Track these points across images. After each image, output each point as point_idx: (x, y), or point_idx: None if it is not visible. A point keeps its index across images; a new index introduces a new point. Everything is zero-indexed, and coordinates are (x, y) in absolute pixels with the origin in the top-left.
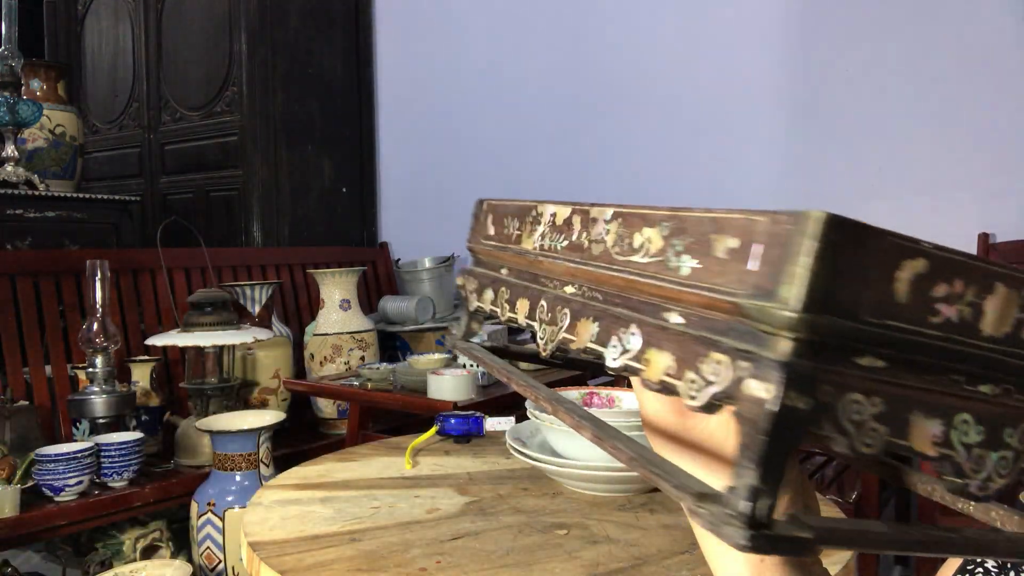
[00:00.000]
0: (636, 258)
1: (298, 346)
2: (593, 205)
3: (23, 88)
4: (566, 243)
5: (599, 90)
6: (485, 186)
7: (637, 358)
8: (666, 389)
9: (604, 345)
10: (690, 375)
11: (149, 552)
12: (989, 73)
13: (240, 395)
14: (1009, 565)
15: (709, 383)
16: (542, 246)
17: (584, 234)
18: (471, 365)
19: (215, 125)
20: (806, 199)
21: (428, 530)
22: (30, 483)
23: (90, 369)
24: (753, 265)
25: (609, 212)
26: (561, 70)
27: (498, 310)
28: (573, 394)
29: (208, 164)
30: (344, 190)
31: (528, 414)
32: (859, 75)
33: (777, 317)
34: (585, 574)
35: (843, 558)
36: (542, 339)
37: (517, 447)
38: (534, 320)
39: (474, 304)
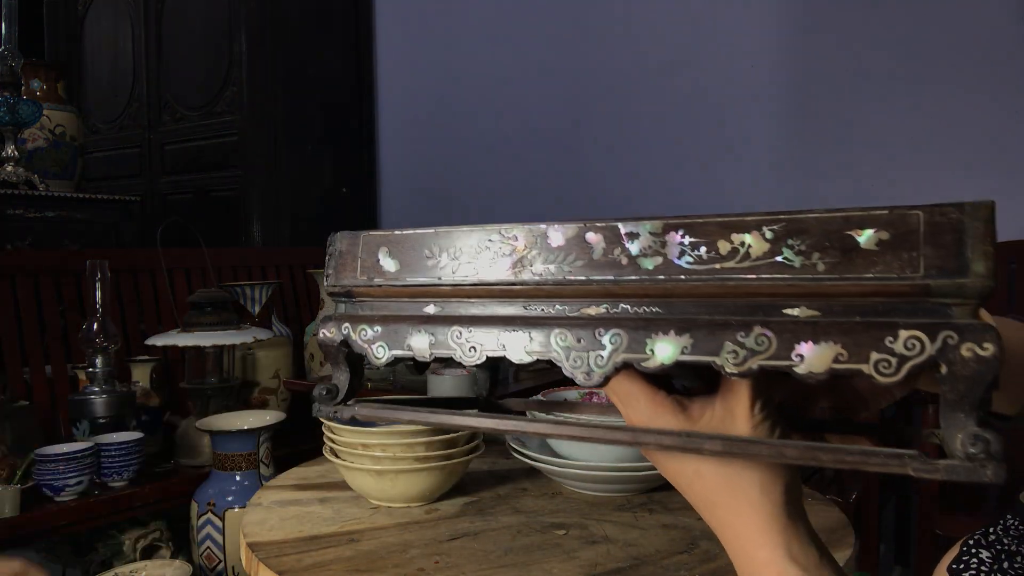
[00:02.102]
0: (730, 264)
1: (298, 346)
2: (617, 220)
3: (23, 88)
4: (581, 263)
5: (599, 90)
6: (485, 185)
7: (779, 356)
8: (838, 376)
9: (715, 354)
10: (876, 356)
11: (149, 552)
12: (989, 73)
13: (240, 395)
14: (1003, 556)
15: (906, 358)
16: (521, 271)
17: (617, 251)
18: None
19: (215, 125)
20: (806, 199)
21: (427, 530)
22: (30, 483)
23: (90, 369)
24: (928, 251)
25: (651, 225)
26: (561, 70)
27: (455, 351)
28: (573, 394)
29: (208, 164)
30: (344, 190)
31: (527, 415)
32: (859, 75)
33: (972, 289)
34: (583, 574)
35: (841, 558)
36: (578, 367)
37: (516, 447)
38: (548, 351)
39: (385, 355)
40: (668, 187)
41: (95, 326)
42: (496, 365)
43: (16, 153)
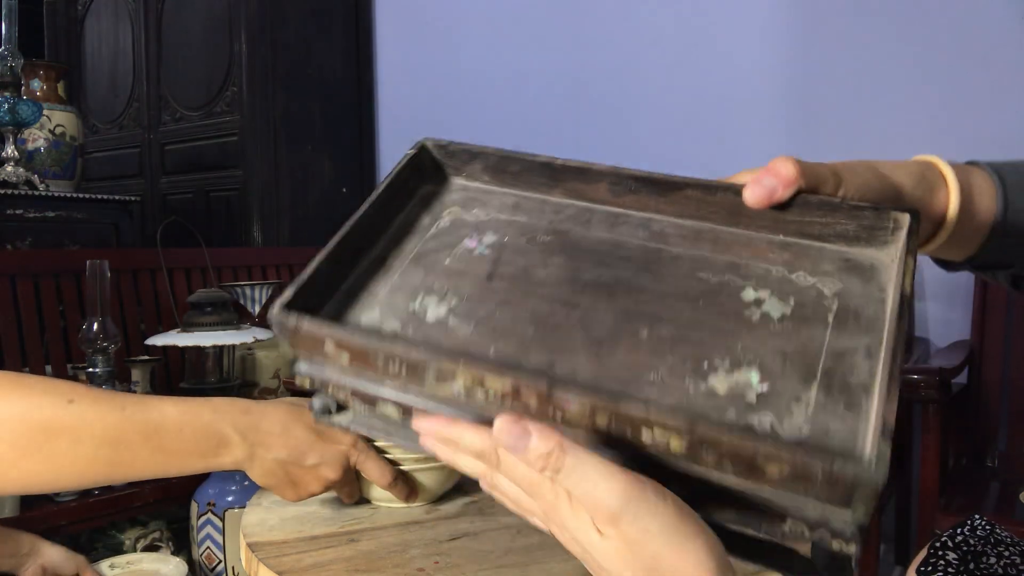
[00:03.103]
0: (650, 450)
1: None
2: (553, 387)
3: (23, 88)
4: (519, 407)
5: (599, 90)
6: None
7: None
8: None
9: None
10: (765, 527)
11: (149, 552)
12: (989, 73)
13: (240, 395)
14: (970, 557)
15: (788, 537)
16: (467, 399)
17: (551, 410)
18: None
19: (215, 125)
20: None
21: (427, 531)
22: None
23: (90, 369)
24: (822, 490)
25: (579, 403)
26: (561, 70)
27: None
28: None
29: (208, 164)
30: (344, 190)
31: None
32: (859, 74)
33: (853, 521)
34: (583, 574)
35: None
36: None
37: None
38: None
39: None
40: None
41: (95, 326)
42: None
43: (16, 153)
